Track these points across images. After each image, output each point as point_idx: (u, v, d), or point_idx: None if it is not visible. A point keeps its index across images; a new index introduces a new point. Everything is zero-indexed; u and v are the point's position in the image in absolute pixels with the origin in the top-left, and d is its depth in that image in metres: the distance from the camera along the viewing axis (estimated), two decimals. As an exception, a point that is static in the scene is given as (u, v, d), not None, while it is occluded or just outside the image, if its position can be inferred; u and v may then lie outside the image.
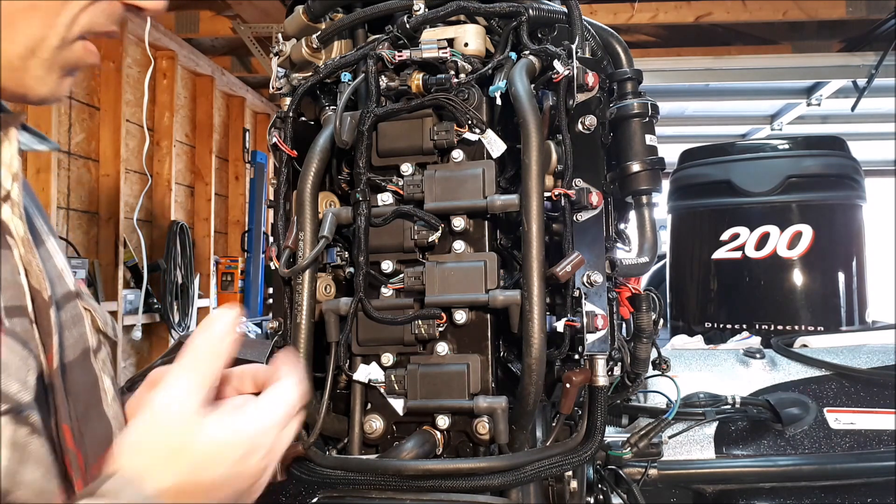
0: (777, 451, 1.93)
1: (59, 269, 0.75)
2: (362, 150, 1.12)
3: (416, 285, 1.09)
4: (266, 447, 0.66)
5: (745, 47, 5.54)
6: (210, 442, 0.63)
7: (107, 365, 0.79)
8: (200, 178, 5.87)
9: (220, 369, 0.66)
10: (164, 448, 0.62)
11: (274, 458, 0.68)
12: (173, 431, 0.62)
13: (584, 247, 1.06)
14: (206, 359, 0.66)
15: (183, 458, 0.62)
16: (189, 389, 0.64)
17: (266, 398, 0.68)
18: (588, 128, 1.11)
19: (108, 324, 0.81)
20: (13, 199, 0.68)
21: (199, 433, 0.63)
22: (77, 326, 0.74)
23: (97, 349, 0.77)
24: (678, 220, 3.32)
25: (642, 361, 1.29)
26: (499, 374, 1.11)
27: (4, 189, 0.68)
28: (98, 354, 0.77)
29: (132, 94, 4.83)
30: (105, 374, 0.77)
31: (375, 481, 1.02)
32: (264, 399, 0.68)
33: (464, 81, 1.10)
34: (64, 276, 0.75)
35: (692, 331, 3.02)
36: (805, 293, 2.94)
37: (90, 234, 4.56)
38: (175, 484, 0.61)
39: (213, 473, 0.63)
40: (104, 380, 0.77)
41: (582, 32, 1.15)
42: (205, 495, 0.62)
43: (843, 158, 2.99)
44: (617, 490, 1.72)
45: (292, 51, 1.23)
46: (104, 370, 0.78)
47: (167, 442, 0.62)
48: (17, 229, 0.68)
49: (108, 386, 0.77)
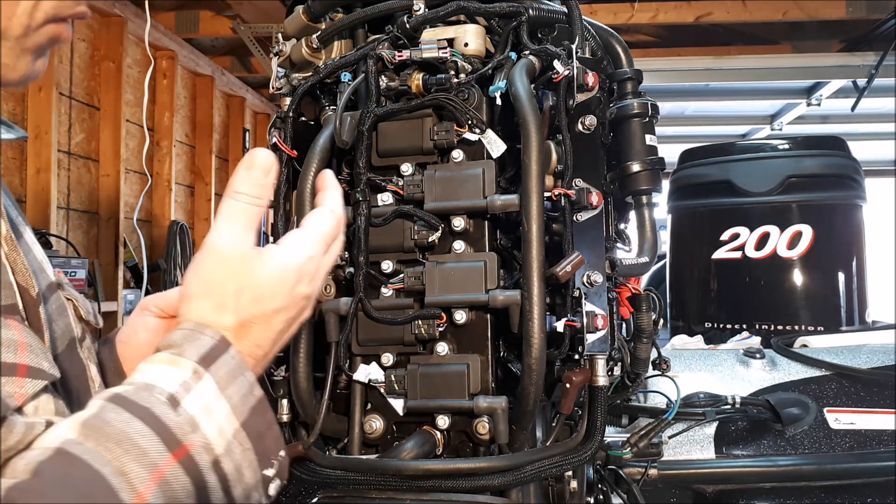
0: (777, 451, 1.93)
1: (39, 261, 0.75)
2: (362, 150, 1.12)
3: (416, 285, 1.09)
4: (312, 273, 0.71)
5: (745, 47, 5.54)
6: (266, 277, 0.67)
7: (91, 353, 0.80)
8: (200, 178, 5.87)
9: (266, 204, 0.70)
10: (227, 289, 0.66)
11: (319, 281, 0.73)
12: (234, 272, 0.66)
13: (584, 247, 1.06)
14: (252, 199, 0.69)
15: (244, 295, 0.66)
16: (241, 231, 0.68)
17: (307, 227, 0.72)
18: (588, 128, 1.11)
19: (89, 312, 0.82)
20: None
21: (256, 270, 0.67)
22: (62, 317, 0.75)
23: (82, 338, 0.78)
24: (678, 220, 3.32)
25: (642, 361, 1.29)
26: (499, 374, 1.11)
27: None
28: (83, 343, 0.78)
29: (132, 94, 4.83)
30: (91, 363, 0.79)
31: (375, 481, 1.02)
32: (306, 228, 0.72)
33: (464, 81, 1.10)
34: (45, 268, 0.76)
35: (692, 331, 3.02)
36: (805, 293, 2.94)
37: (90, 234, 4.56)
38: (240, 320, 0.66)
39: (270, 305, 0.67)
40: (90, 368, 0.78)
41: (582, 32, 1.15)
42: (264, 326, 0.67)
43: (843, 158, 2.99)
44: (617, 490, 1.72)
45: (292, 51, 1.23)
46: (90, 358, 0.79)
47: (230, 282, 0.66)
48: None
49: (95, 374, 0.79)
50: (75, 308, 0.79)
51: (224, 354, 0.63)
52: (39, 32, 0.67)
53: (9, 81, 0.68)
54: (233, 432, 0.61)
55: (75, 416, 0.58)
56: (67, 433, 0.56)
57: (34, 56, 0.68)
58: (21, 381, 0.60)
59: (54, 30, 0.68)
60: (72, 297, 0.79)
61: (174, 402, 0.59)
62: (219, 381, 0.62)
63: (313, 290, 0.72)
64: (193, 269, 0.68)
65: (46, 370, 0.63)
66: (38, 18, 0.66)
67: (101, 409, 0.58)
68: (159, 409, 0.58)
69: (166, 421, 0.58)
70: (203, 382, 0.61)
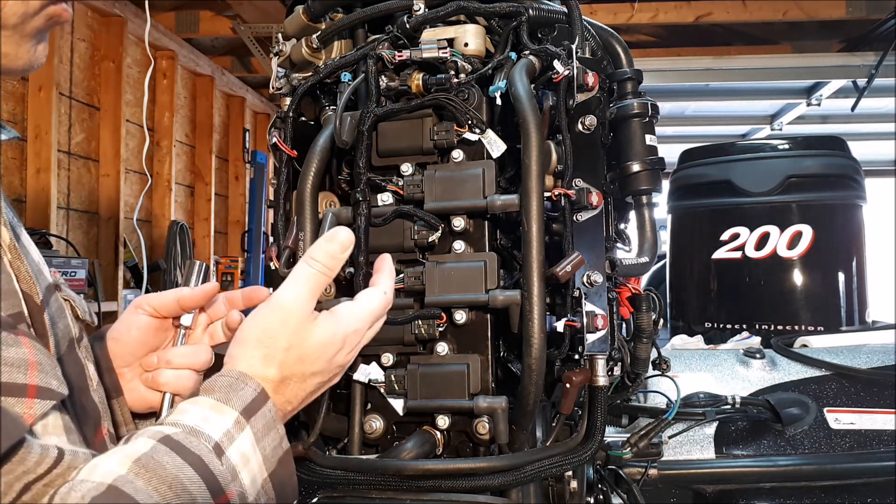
0: (777, 451, 1.93)
1: (37, 263, 0.75)
2: (362, 150, 1.12)
3: (416, 285, 1.09)
4: (353, 345, 0.77)
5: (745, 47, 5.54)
6: (315, 341, 0.73)
7: (89, 352, 0.81)
8: (200, 178, 5.87)
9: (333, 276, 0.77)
10: (280, 343, 0.72)
11: (355, 353, 0.79)
12: (290, 330, 0.72)
13: (584, 247, 1.06)
14: (325, 268, 0.75)
15: (292, 353, 0.72)
16: (308, 294, 0.74)
17: (360, 302, 0.78)
18: (588, 128, 1.11)
19: (85, 311, 0.83)
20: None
21: (309, 332, 0.73)
22: (61, 319, 0.75)
23: (80, 338, 0.78)
24: (678, 220, 3.32)
25: (642, 361, 1.29)
26: (499, 374, 1.11)
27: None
28: (81, 343, 0.78)
29: (132, 94, 4.83)
30: (89, 362, 0.79)
31: (375, 481, 1.02)
32: (359, 303, 0.78)
33: (464, 81, 1.10)
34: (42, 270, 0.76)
35: (692, 331, 3.02)
36: (805, 293, 2.94)
37: (90, 234, 4.56)
38: (282, 375, 0.71)
39: (311, 368, 0.73)
40: (88, 367, 0.78)
41: (582, 32, 1.15)
42: (300, 385, 0.73)
43: (843, 158, 2.99)
44: (617, 490, 1.72)
45: (292, 51, 1.23)
46: (88, 358, 0.79)
47: (283, 338, 0.72)
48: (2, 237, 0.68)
49: (92, 372, 0.79)
50: (72, 308, 0.79)
51: (263, 407, 0.69)
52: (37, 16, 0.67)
53: (11, 70, 0.68)
54: (262, 482, 0.67)
55: (126, 452, 0.60)
56: (118, 468, 0.58)
57: (34, 42, 0.68)
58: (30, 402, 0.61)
59: (52, 11, 0.68)
60: (69, 297, 0.79)
61: (219, 451, 0.64)
62: (256, 433, 0.67)
63: (349, 361, 0.78)
64: (256, 316, 0.74)
65: (55, 389, 0.64)
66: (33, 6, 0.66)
67: (154, 449, 0.61)
68: (207, 458, 0.63)
69: (213, 469, 0.63)
70: (244, 433, 0.67)
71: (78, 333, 0.78)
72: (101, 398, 0.79)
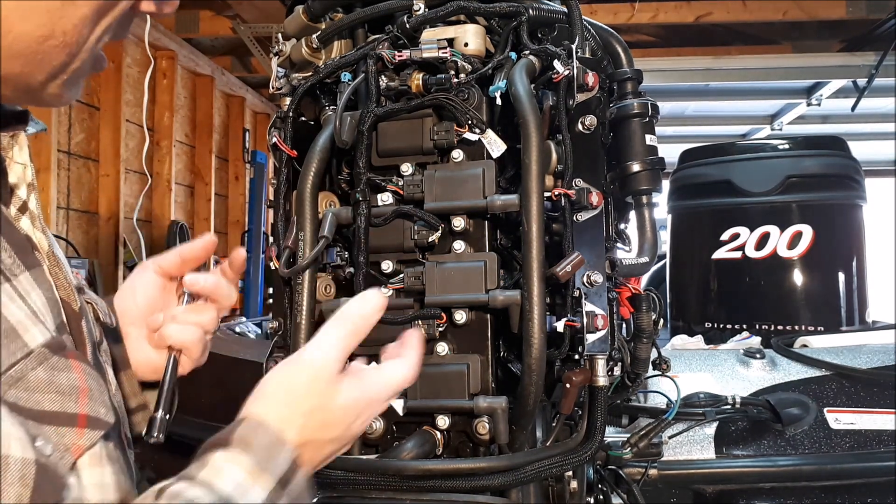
0: (777, 452, 1.93)
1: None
2: (362, 150, 1.12)
3: (416, 285, 1.09)
4: (370, 414, 0.74)
5: (745, 47, 5.54)
6: (338, 407, 0.70)
7: (108, 356, 0.80)
8: (200, 178, 5.87)
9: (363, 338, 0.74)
10: (302, 406, 0.68)
11: (370, 420, 0.76)
12: (314, 392, 0.69)
13: (584, 247, 1.06)
14: (356, 330, 0.73)
15: (314, 417, 0.69)
16: (337, 355, 0.71)
17: (385, 372, 0.75)
18: (588, 128, 1.11)
19: (106, 314, 0.82)
20: (32, 210, 0.67)
21: (333, 397, 0.70)
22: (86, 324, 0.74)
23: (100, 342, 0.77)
24: (678, 220, 3.32)
25: (642, 361, 1.29)
26: (499, 374, 1.11)
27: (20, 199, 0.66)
28: (101, 347, 0.77)
29: (132, 94, 4.83)
30: (108, 366, 0.78)
31: (375, 481, 1.02)
32: (383, 373, 0.75)
33: (464, 81, 1.10)
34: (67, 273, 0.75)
35: (692, 331, 3.02)
36: (805, 293, 2.94)
37: (90, 234, 4.56)
38: (300, 440, 0.67)
39: (328, 434, 0.70)
40: (108, 371, 0.77)
41: (582, 32, 1.15)
42: (316, 451, 0.70)
43: (843, 158, 2.99)
44: (617, 490, 1.72)
45: (292, 51, 1.23)
46: (107, 362, 0.78)
47: (306, 401, 0.69)
48: (40, 243, 0.66)
49: (111, 376, 0.78)
50: (94, 310, 0.78)
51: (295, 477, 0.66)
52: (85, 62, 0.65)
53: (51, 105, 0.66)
54: None
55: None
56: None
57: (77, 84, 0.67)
58: (80, 432, 0.59)
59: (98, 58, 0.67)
60: (91, 300, 0.78)
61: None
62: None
63: (363, 430, 0.76)
64: (280, 371, 0.70)
65: (103, 417, 0.62)
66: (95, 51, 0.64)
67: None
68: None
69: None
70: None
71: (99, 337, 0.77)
72: (119, 402, 0.78)
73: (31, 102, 0.66)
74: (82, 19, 0.58)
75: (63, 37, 0.58)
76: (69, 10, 0.57)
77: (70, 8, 0.57)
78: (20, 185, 0.66)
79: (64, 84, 0.63)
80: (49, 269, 0.66)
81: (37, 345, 0.58)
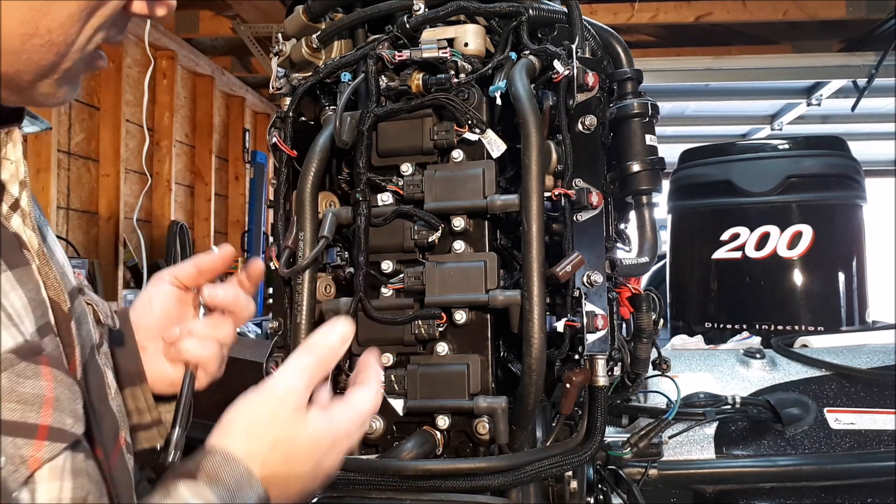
0: (777, 452, 1.93)
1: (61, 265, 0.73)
2: (362, 150, 1.12)
3: (416, 285, 1.09)
4: (342, 450, 0.72)
5: (745, 47, 5.55)
6: (306, 439, 0.68)
7: (108, 358, 0.78)
8: (200, 178, 5.87)
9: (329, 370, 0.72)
10: (267, 438, 0.66)
11: (344, 454, 0.73)
12: (279, 423, 0.67)
13: (584, 247, 1.06)
14: (322, 359, 0.71)
15: (279, 450, 0.66)
16: (302, 384, 0.69)
17: (354, 404, 0.73)
18: (588, 128, 1.11)
19: (108, 315, 0.80)
20: (23, 208, 0.65)
21: (301, 430, 0.68)
22: (84, 325, 0.72)
23: (100, 344, 0.76)
24: (678, 220, 3.32)
25: (642, 361, 1.28)
26: (499, 374, 1.11)
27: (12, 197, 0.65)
28: (101, 349, 0.76)
29: (132, 94, 4.83)
30: (108, 368, 0.77)
31: (375, 481, 1.02)
32: (351, 404, 0.72)
33: (464, 81, 1.10)
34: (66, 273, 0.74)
35: (692, 331, 3.02)
36: (805, 293, 2.94)
37: (90, 234, 4.56)
38: (263, 476, 0.65)
39: (296, 469, 0.68)
40: (107, 374, 0.76)
41: (582, 32, 1.15)
42: (281, 489, 0.67)
43: (843, 158, 2.99)
44: (617, 490, 1.72)
45: (292, 51, 1.23)
46: (107, 364, 0.77)
47: (271, 433, 0.66)
48: (30, 241, 0.65)
49: (111, 380, 0.77)
50: (94, 312, 0.76)
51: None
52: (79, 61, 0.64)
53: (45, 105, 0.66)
54: None
55: None
56: None
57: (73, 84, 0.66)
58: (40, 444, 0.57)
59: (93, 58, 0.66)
60: (91, 301, 0.77)
61: None
62: None
63: (335, 467, 0.73)
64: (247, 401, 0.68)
65: (68, 429, 0.60)
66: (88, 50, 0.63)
67: None
68: None
69: None
70: None
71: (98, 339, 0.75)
72: (118, 406, 0.77)
73: (25, 102, 0.65)
74: (69, 18, 0.58)
75: (48, 35, 0.57)
76: (54, 9, 0.57)
77: (55, 6, 0.57)
78: (12, 182, 0.65)
79: (56, 84, 0.63)
80: (39, 269, 0.64)
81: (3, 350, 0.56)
